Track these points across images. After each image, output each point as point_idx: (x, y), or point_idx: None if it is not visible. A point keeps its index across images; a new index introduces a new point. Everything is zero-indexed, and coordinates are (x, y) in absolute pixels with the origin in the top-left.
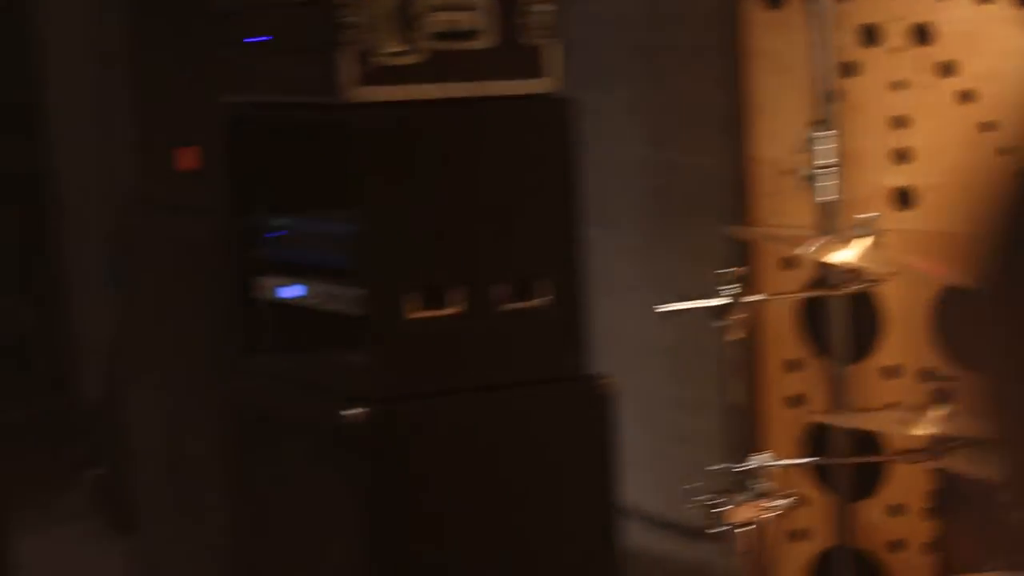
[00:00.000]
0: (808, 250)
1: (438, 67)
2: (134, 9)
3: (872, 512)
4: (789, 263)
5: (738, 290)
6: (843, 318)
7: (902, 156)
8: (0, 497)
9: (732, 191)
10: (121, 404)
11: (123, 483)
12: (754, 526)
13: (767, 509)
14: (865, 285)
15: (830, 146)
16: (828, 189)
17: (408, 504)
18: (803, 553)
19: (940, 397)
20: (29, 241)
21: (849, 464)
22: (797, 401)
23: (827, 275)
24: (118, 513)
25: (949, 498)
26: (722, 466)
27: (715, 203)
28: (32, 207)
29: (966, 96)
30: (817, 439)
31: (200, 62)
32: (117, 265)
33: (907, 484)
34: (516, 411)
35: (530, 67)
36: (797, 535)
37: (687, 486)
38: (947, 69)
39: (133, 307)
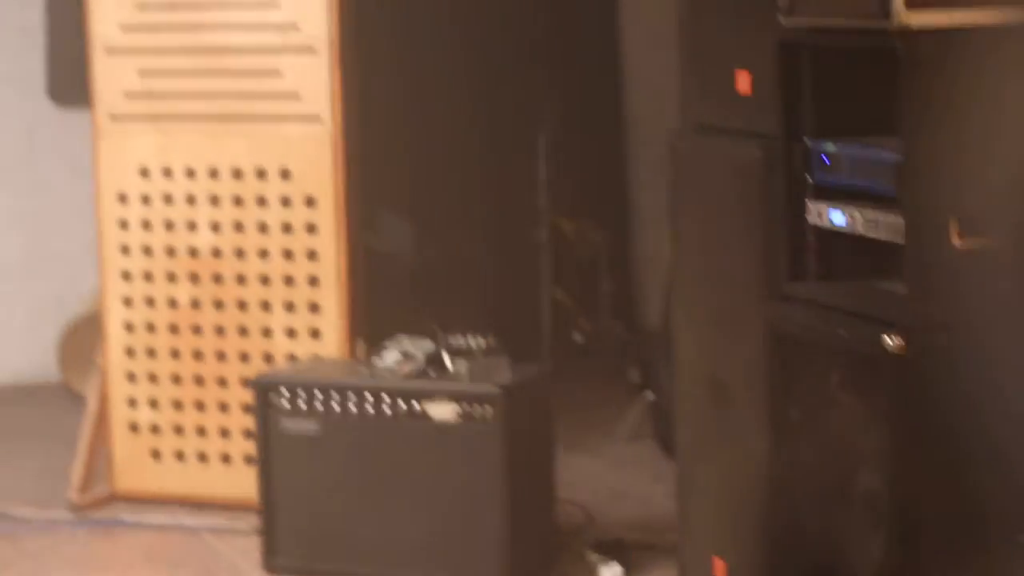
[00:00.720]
0: None
1: None
2: None
3: None
4: None
5: None
6: None
7: None
8: (557, 412)
9: None
10: (674, 328)
11: (672, 408)
12: None
13: None
14: None
15: None
16: None
17: (940, 439)
18: None
19: None
20: (603, 166)
21: None
22: None
23: None
24: (668, 437)
25: None
26: None
27: None
28: (607, 135)
29: None
30: None
31: None
32: (674, 190)
33: None
34: None
35: None
36: None
37: None
38: None
39: (687, 231)
